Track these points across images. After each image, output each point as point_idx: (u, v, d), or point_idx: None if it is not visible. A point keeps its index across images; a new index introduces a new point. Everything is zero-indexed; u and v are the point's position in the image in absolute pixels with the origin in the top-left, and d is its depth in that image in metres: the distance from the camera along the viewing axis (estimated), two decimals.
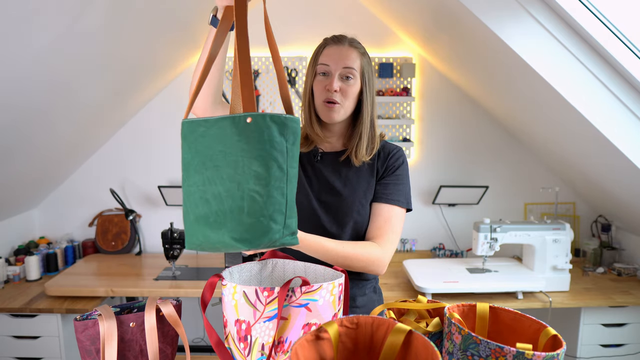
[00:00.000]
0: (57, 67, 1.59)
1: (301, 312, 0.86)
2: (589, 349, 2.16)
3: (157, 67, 2.32)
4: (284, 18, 2.56)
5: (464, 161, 2.72)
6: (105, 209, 2.70)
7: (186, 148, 0.73)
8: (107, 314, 0.90)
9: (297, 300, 0.86)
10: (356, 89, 1.16)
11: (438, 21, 2.04)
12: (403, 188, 1.23)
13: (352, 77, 1.14)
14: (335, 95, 1.13)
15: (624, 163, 1.85)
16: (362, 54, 1.18)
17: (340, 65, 1.14)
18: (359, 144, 1.18)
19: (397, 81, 2.62)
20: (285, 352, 0.88)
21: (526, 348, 0.69)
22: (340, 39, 1.17)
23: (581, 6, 1.58)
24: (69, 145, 2.29)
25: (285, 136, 0.71)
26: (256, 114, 0.68)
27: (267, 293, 0.85)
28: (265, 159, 0.69)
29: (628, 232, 2.51)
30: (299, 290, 0.86)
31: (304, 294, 0.86)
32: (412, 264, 2.34)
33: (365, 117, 1.18)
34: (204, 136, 0.71)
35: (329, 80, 1.14)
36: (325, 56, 1.16)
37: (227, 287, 0.89)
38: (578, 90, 1.71)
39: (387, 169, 1.22)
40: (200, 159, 0.71)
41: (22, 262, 2.35)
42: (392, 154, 1.23)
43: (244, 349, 0.90)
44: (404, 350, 0.70)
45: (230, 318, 0.90)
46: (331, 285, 0.87)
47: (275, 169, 0.70)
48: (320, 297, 0.86)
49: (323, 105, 1.15)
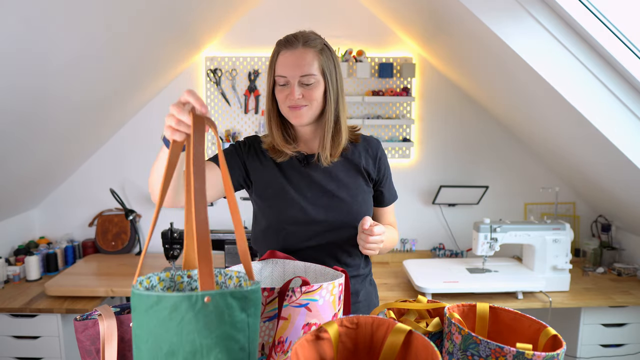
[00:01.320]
0: (57, 67, 1.59)
1: (301, 312, 0.86)
2: (589, 349, 2.16)
3: (157, 67, 2.32)
4: (283, 18, 2.56)
5: (464, 161, 2.72)
6: (105, 209, 2.70)
7: (137, 323, 0.62)
8: (107, 314, 0.90)
9: (297, 300, 0.86)
10: (320, 90, 1.13)
11: (438, 21, 2.04)
12: (392, 184, 1.32)
13: (312, 82, 1.11)
14: (300, 100, 1.11)
15: (624, 163, 1.85)
16: (320, 50, 1.12)
17: (297, 74, 1.10)
18: (324, 143, 1.16)
19: (397, 81, 2.62)
20: (285, 352, 0.88)
21: (526, 348, 0.69)
22: (292, 42, 1.12)
23: (581, 6, 1.58)
24: (69, 146, 2.29)
25: (247, 311, 0.63)
26: (215, 293, 0.60)
27: (267, 293, 0.85)
28: (227, 343, 0.62)
29: (628, 232, 2.51)
30: (299, 290, 0.85)
31: (304, 294, 0.86)
32: (412, 264, 2.34)
33: (329, 117, 1.15)
34: (158, 315, 0.60)
35: (290, 90, 1.11)
36: (280, 66, 1.12)
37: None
38: (578, 89, 1.71)
39: (379, 172, 1.26)
40: (154, 340, 0.61)
41: (22, 262, 2.35)
42: (379, 154, 1.25)
43: None
44: (404, 350, 0.70)
45: None
46: (331, 285, 0.87)
47: (236, 352, 0.63)
48: (320, 297, 0.86)
49: (289, 110, 1.13)
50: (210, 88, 2.61)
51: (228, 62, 2.59)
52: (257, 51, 2.59)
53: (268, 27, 2.58)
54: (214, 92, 2.62)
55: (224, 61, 2.59)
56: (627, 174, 1.92)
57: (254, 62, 2.59)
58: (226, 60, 2.59)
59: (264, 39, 2.59)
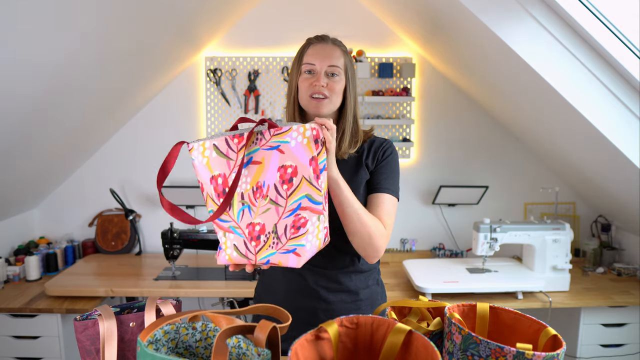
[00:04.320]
0: (57, 67, 1.59)
1: (273, 154, 0.88)
2: (589, 349, 2.16)
3: (157, 67, 2.32)
4: (283, 18, 2.56)
5: (464, 161, 2.72)
6: (105, 209, 2.70)
7: None
8: (107, 314, 0.90)
9: (268, 142, 0.88)
10: (341, 85, 1.18)
11: (438, 21, 2.04)
12: (392, 177, 1.25)
13: (337, 74, 1.17)
14: (323, 89, 1.15)
15: (624, 163, 1.85)
16: (344, 52, 1.21)
17: (325, 63, 1.16)
18: (342, 139, 1.20)
19: (397, 81, 2.62)
20: (265, 197, 0.89)
21: (526, 348, 0.69)
22: (324, 37, 1.20)
23: (581, 6, 1.58)
24: (69, 145, 2.29)
25: None
26: None
27: (237, 140, 0.87)
28: None
29: (628, 232, 2.51)
30: (268, 133, 0.88)
31: (273, 136, 0.88)
32: (412, 264, 2.34)
33: (349, 113, 1.20)
34: None
35: (316, 77, 1.16)
36: (310, 55, 1.18)
37: (195, 148, 0.89)
38: (578, 89, 1.71)
39: (377, 161, 1.24)
40: None
41: (22, 262, 2.34)
42: (381, 147, 1.26)
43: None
44: (404, 350, 0.70)
45: (206, 179, 0.90)
46: (302, 128, 0.89)
47: None
48: (291, 139, 0.88)
49: (310, 100, 1.16)
50: (210, 88, 2.61)
51: (228, 62, 2.59)
52: (257, 51, 2.59)
53: (268, 27, 2.58)
54: (214, 92, 2.61)
55: (224, 61, 2.59)
56: (627, 174, 1.92)
57: (254, 62, 2.59)
58: (226, 60, 2.59)
59: (263, 39, 2.59)
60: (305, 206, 0.89)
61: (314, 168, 0.90)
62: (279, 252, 0.90)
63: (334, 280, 1.23)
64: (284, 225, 0.89)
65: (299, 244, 0.89)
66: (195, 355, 0.79)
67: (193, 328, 0.78)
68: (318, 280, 1.22)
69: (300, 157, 0.88)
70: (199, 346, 0.79)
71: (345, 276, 1.24)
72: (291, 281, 1.24)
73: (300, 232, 0.89)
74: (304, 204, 0.89)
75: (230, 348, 0.74)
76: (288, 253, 0.90)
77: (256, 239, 0.90)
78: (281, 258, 0.90)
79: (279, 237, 0.90)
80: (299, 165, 0.88)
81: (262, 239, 0.90)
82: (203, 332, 0.78)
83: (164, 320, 0.75)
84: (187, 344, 0.78)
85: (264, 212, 0.89)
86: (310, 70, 1.17)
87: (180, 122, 2.66)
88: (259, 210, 0.89)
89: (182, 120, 2.65)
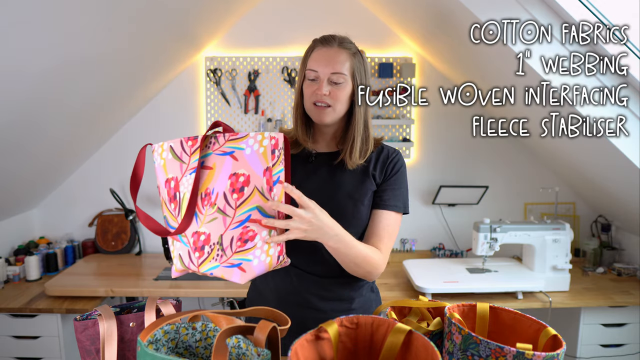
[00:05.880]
0: (57, 66, 1.59)
1: (226, 160, 0.83)
2: (589, 349, 2.16)
3: (157, 67, 2.32)
4: (283, 18, 2.56)
5: (464, 161, 2.72)
6: (105, 209, 2.70)
7: None
8: (107, 314, 0.90)
9: (222, 147, 0.83)
10: (347, 91, 1.13)
11: (438, 21, 2.04)
12: (401, 193, 1.21)
13: (342, 81, 1.11)
14: (325, 98, 1.11)
15: (624, 163, 1.84)
16: (353, 54, 1.14)
17: (328, 70, 1.10)
18: (353, 147, 1.15)
19: (397, 81, 2.62)
20: (213, 205, 0.84)
21: (526, 348, 0.69)
22: (329, 40, 1.13)
23: (581, 6, 1.58)
24: (68, 145, 2.29)
25: None
26: None
27: (191, 142, 0.85)
28: None
29: (628, 232, 2.51)
30: (223, 137, 0.83)
31: (227, 141, 0.83)
32: (412, 264, 2.34)
33: (358, 120, 1.15)
34: None
35: (318, 85, 1.11)
36: (313, 61, 1.13)
37: (156, 149, 0.89)
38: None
39: (386, 175, 1.19)
40: None
41: (22, 262, 2.34)
42: (390, 158, 1.21)
43: (174, 210, 0.87)
44: (404, 350, 0.70)
45: (162, 182, 0.89)
46: (260, 136, 0.84)
47: None
48: (247, 146, 0.83)
49: (313, 107, 1.13)
50: (210, 88, 2.61)
51: (228, 62, 2.59)
52: (257, 51, 2.59)
53: (268, 27, 2.58)
54: (214, 92, 2.61)
55: (223, 61, 2.59)
56: (627, 174, 1.92)
57: (254, 62, 2.59)
58: (226, 60, 2.59)
59: (263, 39, 2.59)
60: (255, 219, 0.84)
61: (268, 179, 0.84)
62: (223, 266, 0.85)
63: (326, 289, 1.18)
64: (230, 237, 0.84)
65: (245, 259, 0.84)
66: (195, 355, 0.79)
67: (193, 328, 0.78)
68: (310, 288, 1.17)
69: (254, 166, 0.83)
70: (199, 346, 0.79)
71: (338, 284, 1.18)
72: (281, 289, 1.19)
73: (248, 245, 0.84)
74: (254, 216, 0.84)
75: (230, 348, 0.74)
76: (232, 267, 0.85)
77: (200, 250, 0.85)
78: (225, 272, 0.85)
79: (224, 250, 0.84)
80: (252, 175, 0.83)
81: (207, 249, 0.85)
82: (203, 332, 0.78)
83: (164, 320, 0.75)
84: (187, 344, 0.78)
85: (210, 222, 0.84)
86: (313, 78, 1.13)
87: (181, 122, 2.66)
88: (205, 218, 0.84)
89: (182, 120, 2.65)
